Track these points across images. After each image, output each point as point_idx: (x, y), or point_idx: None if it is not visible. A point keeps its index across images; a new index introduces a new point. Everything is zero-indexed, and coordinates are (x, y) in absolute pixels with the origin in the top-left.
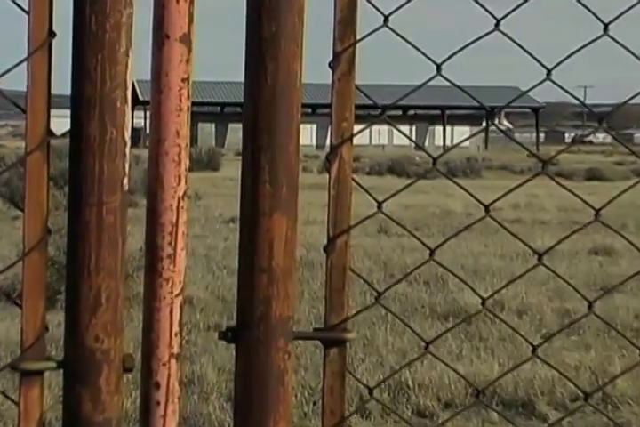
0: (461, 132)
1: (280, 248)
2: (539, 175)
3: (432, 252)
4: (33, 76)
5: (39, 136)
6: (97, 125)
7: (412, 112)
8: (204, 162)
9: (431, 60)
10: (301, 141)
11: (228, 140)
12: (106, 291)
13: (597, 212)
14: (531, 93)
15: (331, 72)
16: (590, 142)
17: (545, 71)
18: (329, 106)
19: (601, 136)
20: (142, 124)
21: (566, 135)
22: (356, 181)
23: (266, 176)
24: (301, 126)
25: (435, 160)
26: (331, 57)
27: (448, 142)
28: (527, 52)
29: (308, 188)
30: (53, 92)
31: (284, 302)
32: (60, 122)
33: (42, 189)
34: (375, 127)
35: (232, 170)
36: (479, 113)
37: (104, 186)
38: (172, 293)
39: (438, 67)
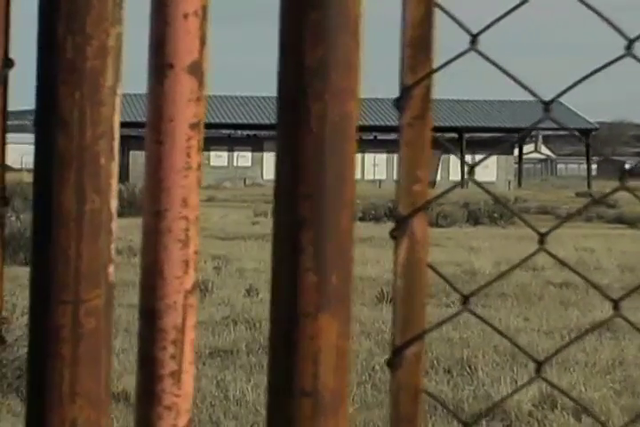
0: (484, 162)
1: (329, 364)
2: None
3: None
4: None
5: None
6: (73, 192)
7: None
8: (139, 204)
9: None
10: None
11: None
12: (84, 425)
13: None
14: (579, 110)
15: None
16: None
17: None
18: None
19: None
20: None
21: (626, 166)
22: (434, 269)
23: (309, 262)
24: None
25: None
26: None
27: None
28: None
29: None
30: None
31: None
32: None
33: None
34: (370, 155)
35: None
36: (508, 137)
37: (82, 277)
38: (175, 425)
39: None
